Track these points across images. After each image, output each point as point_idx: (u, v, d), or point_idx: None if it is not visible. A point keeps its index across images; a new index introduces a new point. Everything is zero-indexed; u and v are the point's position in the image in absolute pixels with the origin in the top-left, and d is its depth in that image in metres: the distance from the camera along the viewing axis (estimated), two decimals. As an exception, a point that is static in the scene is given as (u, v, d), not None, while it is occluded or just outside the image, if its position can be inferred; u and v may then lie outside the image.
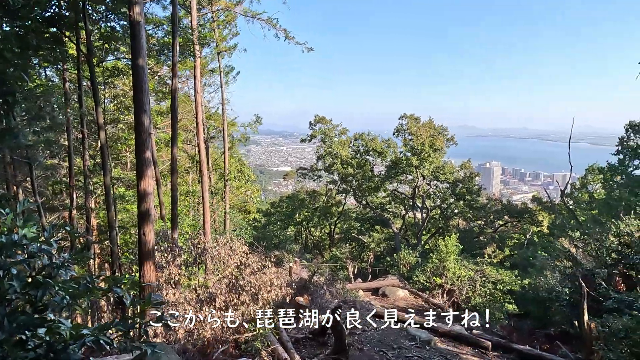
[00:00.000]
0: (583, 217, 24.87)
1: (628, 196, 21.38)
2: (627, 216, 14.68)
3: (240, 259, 10.30)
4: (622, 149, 24.70)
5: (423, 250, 26.23)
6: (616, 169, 25.27)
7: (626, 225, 13.69)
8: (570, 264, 15.53)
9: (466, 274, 18.61)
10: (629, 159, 24.17)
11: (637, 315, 9.53)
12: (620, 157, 24.91)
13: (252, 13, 16.13)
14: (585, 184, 30.38)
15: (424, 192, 31.62)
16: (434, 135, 29.12)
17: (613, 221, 15.00)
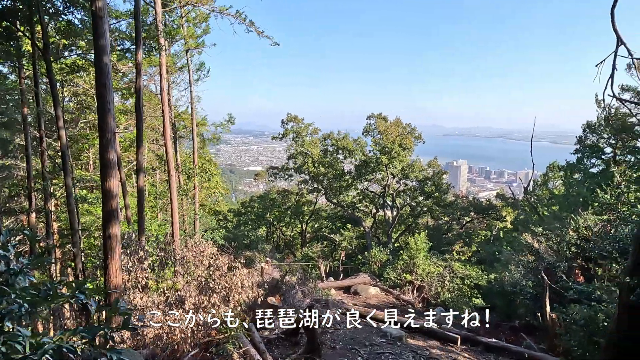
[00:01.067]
0: (545, 213, 25.88)
1: (586, 193, 22.41)
2: (585, 211, 15.36)
3: (210, 260, 10.12)
4: (580, 148, 25.89)
5: (393, 247, 26.61)
6: (575, 166, 26.48)
7: (584, 220, 14.34)
8: (533, 258, 16.12)
9: (435, 270, 19.03)
10: (587, 157, 25.36)
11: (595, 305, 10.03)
12: (578, 155, 26.11)
13: (220, 8, 15.85)
14: (546, 181, 31.66)
15: (394, 190, 32.09)
16: (403, 134, 29.61)
17: (572, 216, 15.67)
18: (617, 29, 7.68)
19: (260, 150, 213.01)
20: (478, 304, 18.16)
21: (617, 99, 8.30)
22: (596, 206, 17.01)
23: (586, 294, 10.03)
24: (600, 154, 24.59)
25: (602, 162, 24.15)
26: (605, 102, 7.72)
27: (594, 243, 11.59)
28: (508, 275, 17.71)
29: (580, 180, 25.15)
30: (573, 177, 26.43)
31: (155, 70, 21.73)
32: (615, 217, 13.20)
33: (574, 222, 14.62)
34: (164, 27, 16.36)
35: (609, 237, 10.27)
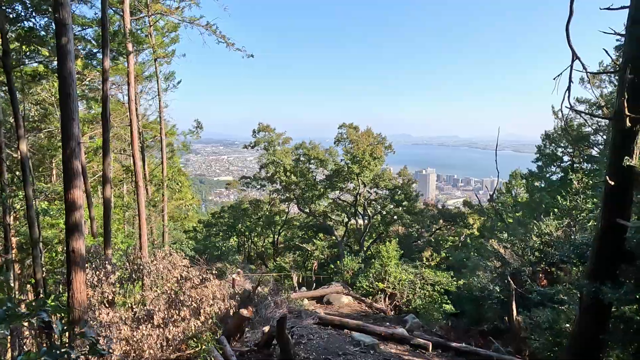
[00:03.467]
0: (509, 220, 26.76)
1: (547, 199, 23.37)
2: (546, 217, 16.01)
3: (181, 272, 9.89)
4: (540, 157, 27.02)
5: (365, 256, 26.81)
6: (536, 174, 27.61)
7: (546, 226, 14.94)
8: (499, 263, 16.62)
9: (406, 277, 19.27)
10: (547, 166, 26.48)
11: (557, 307, 10.44)
12: (539, 164, 27.25)
13: (190, 19, 15.73)
14: (510, 188, 32.80)
15: (365, 199, 32.42)
16: (374, 144, 30.05)
17: (535, 222, 16.31)
18: (572, 45, 8.13)
19: (231, 160, 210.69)
20: (448, 310, 18.50)
21: (574, 111, 8.76)
22: (557, 212, 17.77)
23: (549, 297, 10.42)
24: (559, 163, 25.73)
25: (561, 170, 25.26)
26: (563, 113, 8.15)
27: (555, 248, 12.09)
28: (476, 281, 18.15)
29: (542, 187, 26.21)
30: (535, 185, 27.52)
31: (123, 79, 21.27)
32: (574, 222, 13.83)
33: (536, 228, 15.20)
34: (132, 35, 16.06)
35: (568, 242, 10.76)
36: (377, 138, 30.92)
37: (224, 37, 14.96)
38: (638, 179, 7.59)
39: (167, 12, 16.66)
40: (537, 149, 27.40)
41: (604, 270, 8.15)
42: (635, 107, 7.02)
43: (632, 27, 7.17)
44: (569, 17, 8.04)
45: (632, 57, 6.99)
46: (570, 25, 8.22)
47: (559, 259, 10.46)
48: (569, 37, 8.13)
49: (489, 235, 23.02)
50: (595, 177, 18.95)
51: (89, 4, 13.82)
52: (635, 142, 7.40)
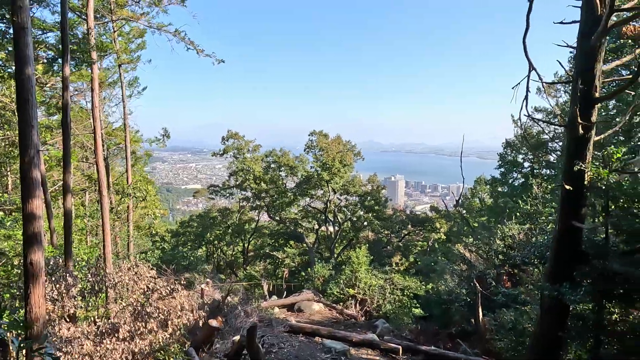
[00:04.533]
0: (475, 224, 27.57)
1: (510, 204, 24.28)
2: (509, 221, 16.61)
3: (147, 284, 9.63)
4: (502, 163, 28.08)
5: (336, 262, 26.89)
6: (499, 180, 28.66)
7: (509, 229, 15.50)
8: (465, 267, 17.07)
9: (376, 283, 19.47)
10: (509, 172, 27.53)
11: (520, 308, 10.83)
12: (502, 170, 28.30)
13: (157, 25, 15.47)
14: (475, 194, 33.85)
15: (336, 205, 32.61)
16: (343, 151, 30.35)
17: (499, 226, 16.89)
18: (529, 56, 8.56)
19: (199, 168, 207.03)
20: (418, 314, 18.80)
21: (532, 119, 9.18)
22: (519, 216, 18.47)
23: (512, 298, 10.80)
24: (520, 169, 26.80)
25: (522, 176, 26.32)
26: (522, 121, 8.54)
27: (517, 250, 12.55)
28: (444, 285, 18.57)
29: (505, 192, 27.20)
30: (498, 190, 28.52)
31: (87, 85, 20.63)
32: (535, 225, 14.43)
33: (500, 232, 15.74)
34: (96, 40, 15.63)
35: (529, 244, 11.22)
36: (346, 145, 31.26)
37: (192, 44, 14.79)
38: (590, 183, 8.03)
39: (133, 17, 16.32)
40: (499, 156, 28.46)
41: (562, 271, 8.54)
42: (586, 115, 7.46)
43: (582, 41, 7.62)
44: (526, 29, 8.47)
45: (582, 69, 7.43)
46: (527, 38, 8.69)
47: (521, 261, 10.89)
48: (526, 49, 8.56)
49: (456, 239, 23.63)
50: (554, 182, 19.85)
51: (50, 7, 13.38)
52: (587, 148, 7.85)
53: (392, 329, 16.62)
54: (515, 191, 25.69)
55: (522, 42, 8.60)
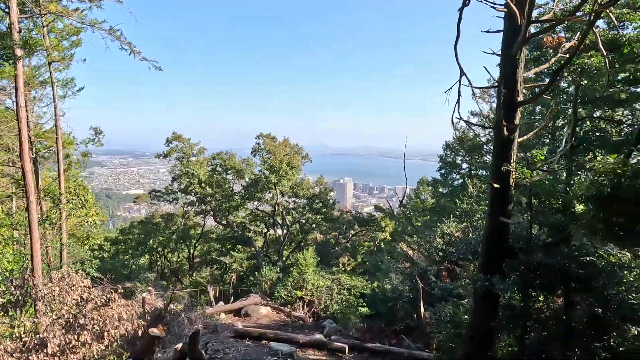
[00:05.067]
0: (418, 223, 28.68)
1: (450, 203, 25.51)
2: (448, 220, 17.47)
3: (81, 294, 9.10)
4: (443, 165, 29.49)
5: (284, 265, 26.85)
6: (440, 181, 30.07)
7: (447, 227, 16.30)
8: (409, 264, 17.71)
9: (324, 283, 19.68)
10: (448, 173, 28.96)
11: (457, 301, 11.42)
12: (442, 171, 29.72)
13: (90, 22, 14.63)
14: (418, 194, 35.22)
15: (284, 208, 32.56)
16: (291, 154, 30.41)
17: (439, 225, 17.71)
18: (460, 62, 9.07)
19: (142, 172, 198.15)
20: (364, 312, 19.18)
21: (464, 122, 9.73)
22: (457, 215, 19.46)
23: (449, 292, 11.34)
24: (459, 170, 28.27)
25: (461, 177, 27.76)
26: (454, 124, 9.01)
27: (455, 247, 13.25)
28: (389, 283, 19.13)
29: (445, 193, 28.55)
30: (439, 191, 29.88)
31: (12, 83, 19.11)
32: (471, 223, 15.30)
33: (440, 230, 16.51)
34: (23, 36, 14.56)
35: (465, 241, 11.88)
36: (294, 148, 31.36)
37: (129, 45, 14.11)
38: (516, 181, 8.67)
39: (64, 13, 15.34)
40: (439, 158, 29.86)
41: (492, 264, 9.13)
42: (510, 118, 8.05)
43: (506, 49, 8.22)
44: (457, 37, 8.97)
45: (506, 76, 8.01)
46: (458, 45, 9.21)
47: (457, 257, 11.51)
48: (457, 55, 9.06)
49: (400, 238, 24.43)
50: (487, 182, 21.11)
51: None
52: (512, 149, 8.47)
53: (340, 328, 16.87)
54: (455, 191, 27.05)
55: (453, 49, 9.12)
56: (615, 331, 8.31)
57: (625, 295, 8.47)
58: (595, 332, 8.67)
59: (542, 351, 9.11)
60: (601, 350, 8.34)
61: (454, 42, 9.10)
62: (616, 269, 8.73)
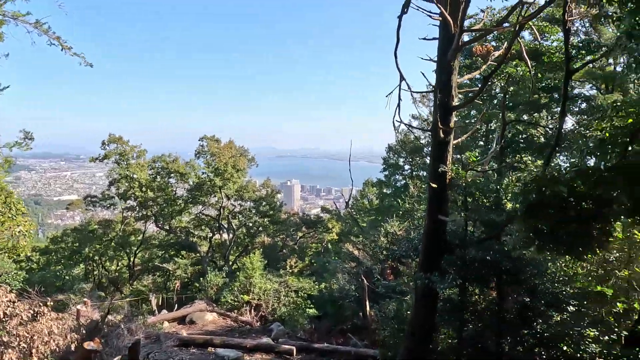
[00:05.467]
0: (364, 224, 29.35)
1: (394, 203, 26.38)
2: (391, 219, 18.05)
3: (4, 309, 8.39)
4: (387, 167, 30.44)
5: (231, 270, 26.34)
6: (384, 182, 31.00)
7: (391, 226, 16.83)
8: (354, 264, 18.07)
9: (271, 287, 19.55)
10: (392, 174, 29.94)
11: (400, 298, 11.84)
12: (386, 173, 30.66)
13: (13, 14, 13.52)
14: (364, 195, 36.06)
15: (230, 212, 31.97)
16: (236, 156, 29.93)
17: (383, 225, 18.25)
18: (400, 68, 9.42)
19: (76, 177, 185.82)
20: (312, 314, 19.27)
21: (404, 124, 10.12)
22: (400, 214, 20.17)
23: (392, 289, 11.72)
24: (401, 171, 29.31)
25: (403, 178, 28.79)
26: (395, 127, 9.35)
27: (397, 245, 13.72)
28: (336, 283, 19.39)
29: (389, 193, 29.47)
30: (383, 191, 30.80)
31: None
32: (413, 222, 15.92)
33: (383, 229, 17.01)
34: None
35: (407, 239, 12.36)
36: (239, 150, 30.91)
37: (58, 39, 13.22)
38: (451, 181, 9.15)
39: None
40: (383, 160, 30.80)
41: (431, 261, 9.55)
42: (445, 121, 8.49)
43: (442, 57, 8.67)
44: (397, 43, 9.30)
45: (441, 81, 8.45)
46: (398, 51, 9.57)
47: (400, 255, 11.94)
48: (397, 61, 9.41)
49: (346, 239, 24.85)
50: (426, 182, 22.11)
51: None
52: (448, 150, 8.93)
53: (287, 331, 16.84)
54: (398, 192, 28.01)
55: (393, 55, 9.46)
56: (541, 318, 9.01)
57: (549, 285, 9.23)
58: (524, 321, 9.35)
59: (478, 342, 9.66)
60: (529, 337, 9.02)
61: (394, 48, 9.46)
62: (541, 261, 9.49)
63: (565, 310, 8.99)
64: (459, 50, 8.41)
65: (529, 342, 8.93)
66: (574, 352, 8.51)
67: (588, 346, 8.49)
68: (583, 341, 8.50)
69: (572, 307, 8.98)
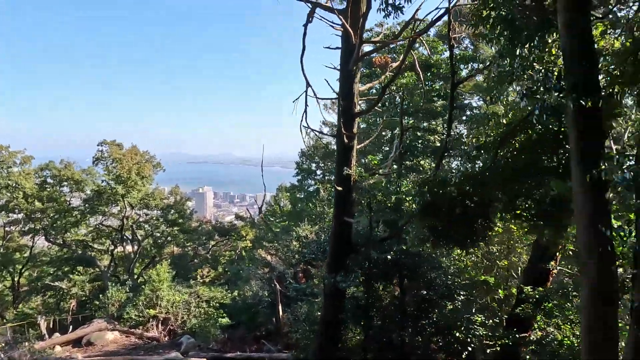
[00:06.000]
0: (277, 229, 29.37)
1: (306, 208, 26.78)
2: (303, 223, 18.34)
3: None
4: (299, 171, 30.84)
5: (135, 284, 24.60)
6: (297, 187, 31.38)
7: (303, 230, 17.10)
8: (267, 269, 18.02)
9: (180, 298, 18.68)
10: (304, 179, 30.43)
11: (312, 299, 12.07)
12: (299, 177, 31.04)
13: None
14: (278, 201, 36.11)
15: (134, 222, 29.87)
16: (141, 162, 28.11)
17: (295, 229, 18.45)
18: (306, 74, 9.67)
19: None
20: (224, 323, 18.78)
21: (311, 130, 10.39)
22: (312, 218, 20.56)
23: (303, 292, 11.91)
24: (313, 176, 29.92)
25: (316, 182, 29.41)
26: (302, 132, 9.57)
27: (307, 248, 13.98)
28: (249, 290, 19.14)
29: (302, 198, 29.90)
30: (296, 196, 31.16)
31: None
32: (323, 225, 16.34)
33: (295, 233, 17.22)
34: None
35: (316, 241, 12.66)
36: (144, 156, 29.06)
37: None
38: (355, 184, 9.60)
39: None
40: (296, 164, 31.15)
41: (339, 262, 9.91)
42: (348, 127, 8.90)
43: (344, 65, 9.09)
44: (302, 50, 9.55)
45: (344, 89, 8.85)
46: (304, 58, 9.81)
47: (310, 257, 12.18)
48: (303, 68, 9.64)
49: (259, 245, 24.67)
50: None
51: None
52: (352, 155, 9.36)
53: (198, 343, 16.23)
54: (310, 196, 28.52)
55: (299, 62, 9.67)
56: (437, 308, 9.84)
57: (444, 277, 10.10)
58: (423, 312, 10.12)
59: (383, 336, 10.22)
60: (427, 327, 9.78)
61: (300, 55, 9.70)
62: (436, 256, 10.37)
63: (457, 300, 9.93)
64: (360, 60, 8.89)
65: (427, 331, 9.68)
66: (465, 337, 9.41)
67: (476, 330, 9.45)
68: (472, 326, 9.44)
69: (463, 297, 9.94)
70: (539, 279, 9.25)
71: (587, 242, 4.56)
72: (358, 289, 10.56)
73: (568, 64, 4.55)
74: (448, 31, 7.66)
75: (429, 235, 7.92)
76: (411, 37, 8.23)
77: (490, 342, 9.37)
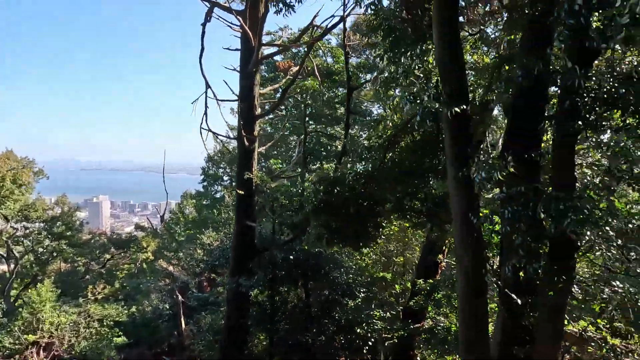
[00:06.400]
0: (181, 238, 27.94)
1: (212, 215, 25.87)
2: (208, 230, 17.70)
3: None
4: (205, 177, 29.74)
5: (12, 307, 21.54)
6: (203, 193, 30.20)
7: (207, 237, 16.50)
8: (169, 281, 17.04)
9: (67, 319, 16.75)
10: (211, 185, 29.43)
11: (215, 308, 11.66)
12: (205, 184, 29.92)
13: None
14: (182, 209, 34.39)
15: (10, 236, 26.18)
16: (17, 169, 24.82)
17: (199, 237, 17.72)
18: (205, 75, 9.37)
19: None
20: (120, 343, 17.27)
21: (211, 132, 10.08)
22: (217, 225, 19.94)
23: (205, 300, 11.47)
24: (220, 181, 29.09)
25: (223, 188, 28.62)
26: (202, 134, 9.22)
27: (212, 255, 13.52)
28: (149, 304, 17.89)
29: (207, 204, 28.87)
30: (202, 203, 30.00)
31: None
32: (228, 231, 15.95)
33: (199, 241, 16.55)
34: None
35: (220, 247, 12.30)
36: (22, 162, 25.71)
37: None
38: (257, 187, 9.52)
39: None
40: (202, 170, 30.00)
41: (242, 266, 9.73)
42: (249, 129, 8.81)
43: (244, 67, 8.98)
44: (201, 51, 9.24)
45: (245, 91, 8.75)
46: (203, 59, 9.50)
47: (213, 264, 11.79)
48: (202, 68, 9.34)
49: (161, 256, 23.28)
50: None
51: None
52: (253, 158, 9.28)
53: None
54: (217, 202, 27.64)
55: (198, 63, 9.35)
56: (339, 307, 10.14)
57: (345, 276, 10.45)
58: (326, 312, 10.36)
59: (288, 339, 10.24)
60: (330, 326, 10.02)
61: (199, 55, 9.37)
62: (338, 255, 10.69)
63: (358, 297, 10.34)
64: (260, 62, 8.87)
65: (330, 330, 9.92)
66: (365, 332, 9.82)
67: (376, 324, 9.92)
68: (372, 321, 9.89)
69: (363, 294, 10.38)
70: (429, 271, 10.00)
71: (462, 239, 5.04)
72: (263, 295, 10.46)
73: (442, 73, 5.02)
74: (343, 38, 7.98)
75: (324, 233, 8.16)
76: (309, 42, 8.43)
77: (388, 335, 9.90)
